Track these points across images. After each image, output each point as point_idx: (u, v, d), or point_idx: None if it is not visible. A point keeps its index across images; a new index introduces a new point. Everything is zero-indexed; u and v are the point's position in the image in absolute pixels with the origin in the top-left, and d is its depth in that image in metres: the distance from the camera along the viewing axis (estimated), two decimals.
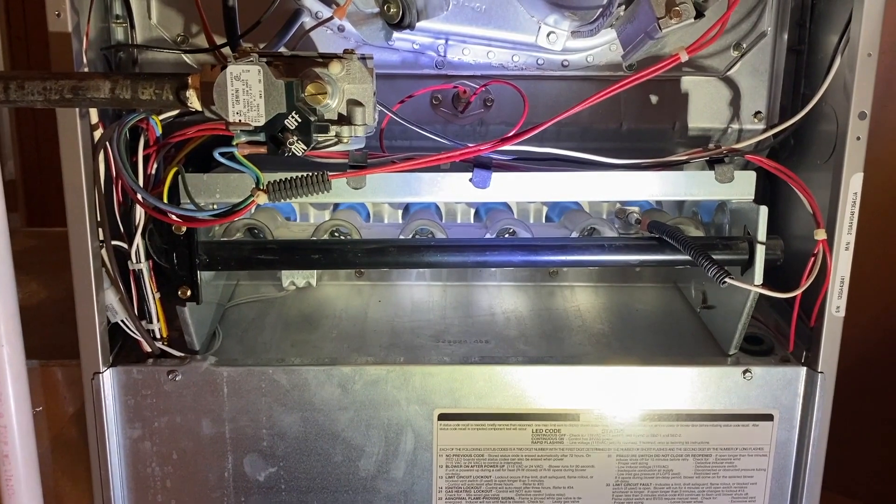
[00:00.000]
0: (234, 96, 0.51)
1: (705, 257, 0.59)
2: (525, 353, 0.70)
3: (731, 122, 0.74)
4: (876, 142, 0.64)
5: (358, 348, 0.70)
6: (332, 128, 0.53)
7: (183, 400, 0.66)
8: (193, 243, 0.62)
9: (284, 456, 0.67)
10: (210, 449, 0.67)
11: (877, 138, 0.63)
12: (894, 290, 1.10)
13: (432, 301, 0.79)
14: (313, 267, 0.64)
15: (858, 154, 0.62)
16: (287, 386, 0.66)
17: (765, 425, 0.68)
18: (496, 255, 0.65)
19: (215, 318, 0.72)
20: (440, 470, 0.68)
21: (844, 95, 0.63)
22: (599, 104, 0.73)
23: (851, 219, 0.63)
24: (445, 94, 0.72)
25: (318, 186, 0.53)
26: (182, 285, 0.63)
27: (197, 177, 0.61)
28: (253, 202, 0.54)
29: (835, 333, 0.65)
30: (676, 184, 0.64)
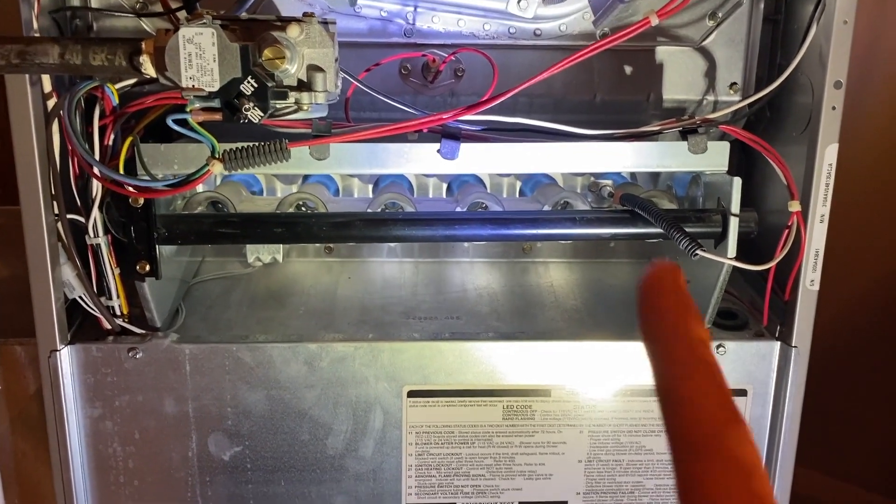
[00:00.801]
0: (186, 60, 0.49)
1: (677, 229, 0.58)
2: (497, 330, 0.68)
3: (706, 93, 0.72)
4: (854, 114, 0.63)
5: (326, 325, 0.68)
6: (291, 94, 0.51)
7: (144, 378, 0.64)
8: (151, 216, 0.60)
9: (250, 435, 0.66)
10: (173, 428, 0.65)
11: (855, 110, 0.62)
12: (872, 262, 1.10)
13: (403, 277, 0.78)
14: (276, 241, 0.62)
15: (834, 124, 0.61)
16: (251, 363, 0.64)
17: (738, 400, 0.67)
18: (466, 229, 0.63)
19: (178, 295, 0.70)
20: (410, 447, 0.66)
21: (820, 64, 0.62)
22: (573, 75, 0.72)
23: (826, 190, 0.62)
24: (415, 64, 0.70)
25: (277, 155, 0.51)
26: (140, 260, 0.61)
27: (154, 147, 0.59)
28: (208, 171, 0.52)
29: (809, 307, 0.64)
30: (649, 155, 0.62)
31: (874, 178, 1.04)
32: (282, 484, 0.67)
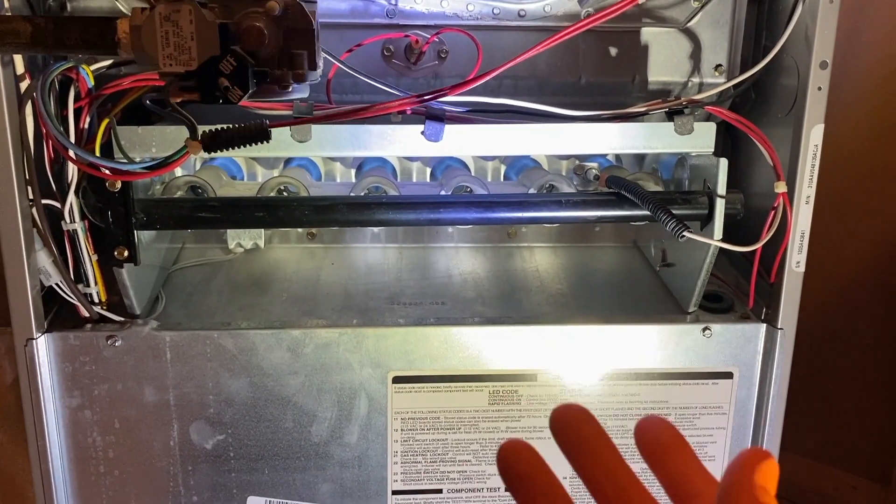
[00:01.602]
0: (163, 39, 0.47)
1: (663, 211, 0.58)
2: (482, 314, 0.68)
3: (691, 75, 0.72)
4: (837, 95, 0.62)
5: (309, 311, 0.67)
6: (271, 73, 0.50)
7: (124, 366, 0.63)
8: (129, 201, 0.58)
9: (232, 423, 0.65)
10: (154, 417, 0.64)
11: (838, 91, 0.61)
12: (854, 244, 1.11)
13: (388, 263, 0.77)
14: (257, 225, 0.61)
15: (819, 105, 0.61)
16: (234, 350, 0.63)
17: (724, 383, 0.67)
18: (450, 213, 0.63)
19: (158, 282, 0.69)
20: (395, 434, 0.66)
21: (806, 45, 0.61)
22: (558, 57, 0.71)
23: (812, 171, 0.62)
24: (398, 46, 0.69)
25: (257, 136, 0.50)
26: (118, 245, 0.59)
27: (131, 129, 0.58)
28: (187, 153, 0.51)
29: (795, 289, 0.64)
30: (635, 136, 0.62)
31: (857, 159, 1.05)
32: (265, 472, 0.66)
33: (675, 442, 0.29)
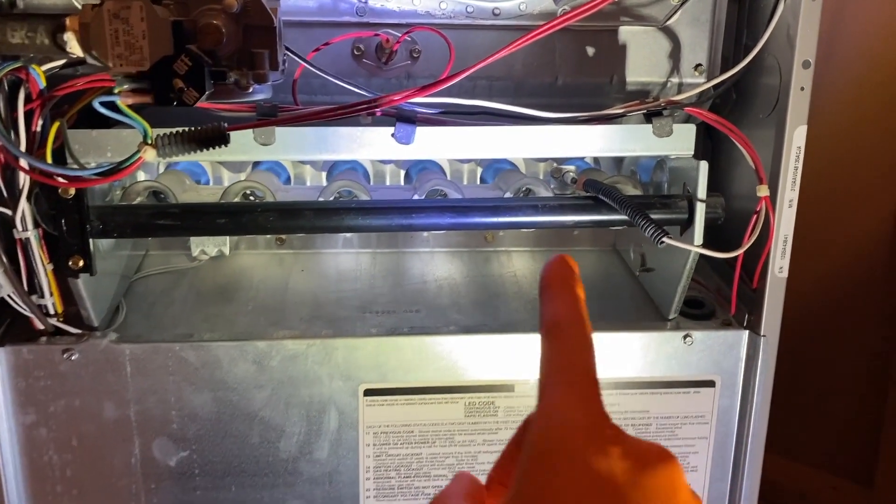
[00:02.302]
0: (112, 37, 0.45)
1: (642, 216, 0.56)
2: (457, 323, 0.65)
3: (670, 75, 0.70)
4: (815, 95, 0.61)
5: (276, 321, 0.65)
6: (230, 74, 0.47)
7: (81, 381, 0.60)
8: (84, 208, 0.55)
9: (197, 439, 0.62)
10: (114, 433, 0.61)
11: (817, 91, 0.60)
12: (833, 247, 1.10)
13: (360, 269, 0.74)
14: (220, 233, 0.58)
15: (802, 105, 0.59)
16: (197, 364, 0.60)
17: (706, 392, 0.65)
18: (424, 218, 0.60)
19: (119, 291, 0.66)
20: (367, 448, 0.63)
21: (788, 44, 0.59)
22: (534, 57, 0.69)
23: (795, 174, 0.60)
24: (368, 45, 0.66)
25: (215, 140, 0.47)
26: (73, 254, 0.56)
27: (84, 133, 0.55)
28: (140, 159, 0.48)
29: (778, 295, 0.63)
30: (612, 139, 0.60)
31: (835, 160, 1.04)
32: (232, 489, 0.63)
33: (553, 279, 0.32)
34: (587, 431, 0.27)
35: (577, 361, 0.29)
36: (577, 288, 0.32)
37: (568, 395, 0.28)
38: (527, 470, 0.26)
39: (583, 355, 0.29)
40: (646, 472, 0.25)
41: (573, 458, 0.26)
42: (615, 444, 0.26)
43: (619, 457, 0.26)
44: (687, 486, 0.27)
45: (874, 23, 1.02)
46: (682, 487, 0.26)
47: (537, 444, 0.27)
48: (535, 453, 0.27)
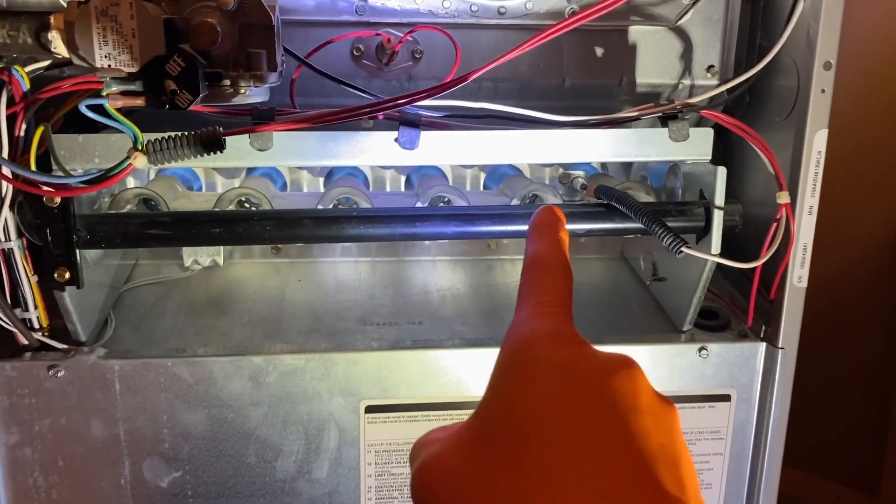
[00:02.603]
0: (100, 36, 0.42)
1: (659, 225, 0.53)
2: (462, 335, 0.63)
3: (681, 77, 0.67)
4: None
5: (273, 335, 0.62)
6: (225, 75, 0.44)
7: (68, 399, 0.57)
8: (70, 217, 0.52)
9: (190, 458, 0.59)
10: (103, 453, 0.58)
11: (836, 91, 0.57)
12: (839, 253, 1.08)
13: (359, 279, 0.71)
14: (214, 242, 0.55)
15: (823, 108, 0.57)
16: (190, 380, 0.57)
17: (722, 406, 0.63)
18: (428, 227, 0.57)
19: (107, 304, 0.63)
20: (369, 468, 0.60)
21: (807, 44, 0.57)
22: (540, 58, 0.66)
23: (815, 180, 0.58)
24: (368, 45, 0.64)
25: (210, 145, 0.44)
26: (59, 266, 0.53)
27: (71, 138, 0.52)
28: (129, 165, 0.45)
29: (796, 306, 0.60)
30: (626, 143, 0.57)
31: (838, 163, 1.01)
32: None
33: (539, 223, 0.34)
34: (552, 337, 0.28)
35: (549, 287, 0.31)
36: (560, 231, 0.34)
37: (537, 309, 0.30)
38: (496, 374, 0.28)
39: (557, 282, 0.31)
40: (608, 376, 0.26)
41: (537, 357, 0.27)
42: (579, 349, 0.28)
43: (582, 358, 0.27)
44: (650, 389, 0.27)
45: (874, 23, 1.01)
46: (644, 390, 0.27)
47: (505, 350, 0.29)
48: (502, 358, 0.29)
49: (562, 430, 0.25)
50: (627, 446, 0.25)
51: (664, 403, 0.27)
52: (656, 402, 0.27)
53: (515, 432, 0.26)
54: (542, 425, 0.25)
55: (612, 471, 0.24)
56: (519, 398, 0.26)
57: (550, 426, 0.25)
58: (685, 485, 0.25)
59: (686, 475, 0.26)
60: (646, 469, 0.25)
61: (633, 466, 0.25)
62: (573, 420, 0.25)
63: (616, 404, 0.26)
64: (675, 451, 0.26)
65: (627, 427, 0.25)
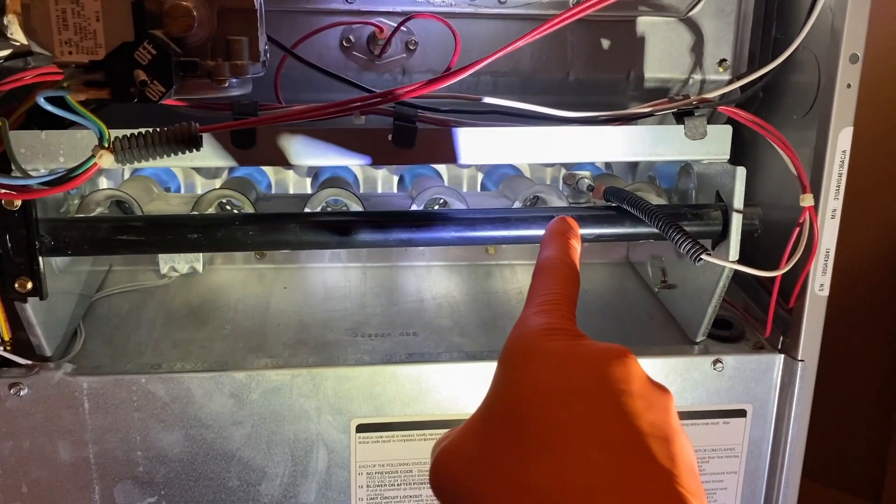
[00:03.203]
0: (59, 20, 0.37)
1: (676, 230, 0.49)
2: (460, 348, 0.59)
3: (692, 71, 0.63)
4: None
5: (256, 348, 0.57)
6: (202, 65, 0.40)
7: (32, 419, 0.52)
8: (31, 222, 0.48)
9: (166, 483, 0.54)
10: (71, 478, 0.54)
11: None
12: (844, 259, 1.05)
13: (349, 286, 0.67)
14: (192, 249, 0.50)
15: (849, 105, 0.53)
16: (165, 398, 0.53)
17: (736, 422, 0.59)
18: (425, 232, 0.53)
19: (76, 314, 0.58)
20: (360, 490, 0.56)
21: (831, 36, 0.53)
22: (543, 50, 0.62)
23: (839, 181, 0.54)
24: (359, 36, 0.59)
25: (184, 143, 0.40)
26: (19, 276, 0.48)
27: (32, 135, 0.47)
28: (95, 165, 0.40)
29: (817, 316, 0.56)
30: (640, 141, 0.53)
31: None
32: None
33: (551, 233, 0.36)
34: (551, 330, 0.30)
35: (554, 287, 0.32)
36: (572, 239, 0.36)
37: (540, 307, 0.31)
38: (498, 366, 0.30)
39: (562, 283, 0.33)
40: (602, 363, 0.28)
41: (535, 347, 0.29)
42: (576, 340, 0.29)
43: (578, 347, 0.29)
44: (642, 375, 0.29)
45: (879, 25, 0.98)
46: (637, 375, 0.28)
47: (507, 344, 0.31)
48: (504, 351, 0.30)
49: (558, 410, 0.27)
50: (619, 424, 0.27)
51: (657, 388, 0.29)
52: (649, 386, 0.28)
53: (516, 415, 0.28)
54: (539, 407, 0.27)
55: (604, 445, 0.26)
56: (518, 385, 0.29)
57: (547, 407, 0.27)
58: (676, 460, 0.26)
59: (678, 452, 0.27)
60: (636, 444, 0.26)
61: (624, 441, 0.26)
62: (568, 401, 0.27)
63: (609, 388, 0.28)
64: (667, 429, 0.27)
65: (620, 407, 0.27)
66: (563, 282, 0.33)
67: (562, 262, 0.34)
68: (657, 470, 0.26)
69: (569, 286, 0.33)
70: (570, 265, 0.34)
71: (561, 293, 0.32)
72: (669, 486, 0.25)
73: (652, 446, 0.26)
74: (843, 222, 0.55)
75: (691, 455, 0.28)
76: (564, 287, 0.33)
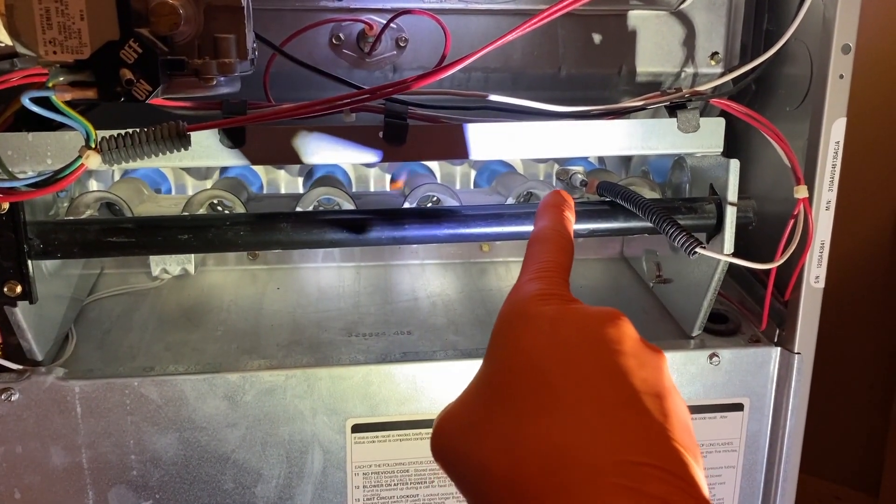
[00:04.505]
0: (42, 19, 0.37)
1: (671, 223, 0.49)
2: (455, 346, 0.58)
3: (684, 65, 0.63)
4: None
5: (250, 349, 0.57)
6: (189, 63, 0.39)
7: (23, 425, 0.52)
8: (20, 225, 0.47)
9: (160, 486, 0.54)
10: (64, 483, 0.53)
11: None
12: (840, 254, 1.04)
13: (343, 285, 0.67)
14: (183, 250, 0.50)
15: (842, 95, 0.53)
16: (159, 401, 0.52)
17: (734, 416, 0.58)
18: (417, 229, 0.53)
19: (68, 317, 0.58)
20: (356, 491, 0.56)
21: (823, 27, 0.53)
22: (534, 45, 0.62)
23: (833, 173, 0.54)
24: (349, 33, 0.59)
25: (172, 142, 0.39)
26: (8, 280, 0.48)
27: (18, 137, 0.47)
28: (82, 166, 0.40)
29: (813, 308, 0.56)
30: (633, 135, 0.53)
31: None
32: None
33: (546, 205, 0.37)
34: (543, 296, 0.30)
35: (547, 255, 0.33)
36: (566, 211, 0.36)
37: (533, 275, 0.32)
38: (493, 332, 0.30)
39: (555, 252, 0.33)
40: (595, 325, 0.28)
41: (528, 311, 0.30)
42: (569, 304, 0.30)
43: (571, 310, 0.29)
44: (635, 336, 0.29)
45: (872, 20, 0.98)
46: (629, 336, 0.28)
47: (501, 311, 0.31)
48: (499, 318, 0.31)
49: (551, 370, 0.27)
50: (611, 381, 0.27)
51: (650, 349, 0.29)
52: (641, 346, 0.29)
53: (510, 377, 0.28)
54: (532, 368, 0.28)
55: (597, 402, 0.26)
56: (512, 348, 0.29)
57: (540, 368, 0.28)
58: (669, 415, 0.26)
59: (671, 407, 0.27)
60: (628, 399, 0.27)
61: (617, 398, 0.27)
62: (561, 361, 0.28)
63: (602, 347, 0.28)
64: (660, 386, 0.27)
65: (612, 366, 0.27)
66: (557, 251, 0.33)
67: (556, 232, 0.35)
68: (650, 424, 0.26)
69: (562, 255, 0.33)
70: (564, 235, 0.35)
71: (555, 262, 0.33)
72: (663, 440, 0.26)
73: (645, 402, 0.26)
74: (838, 213, 0.55)
75: (685, 411, 0.28)
76: (558, 256, 0.33)
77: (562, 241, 0.34)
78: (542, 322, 0.29)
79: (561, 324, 0.29)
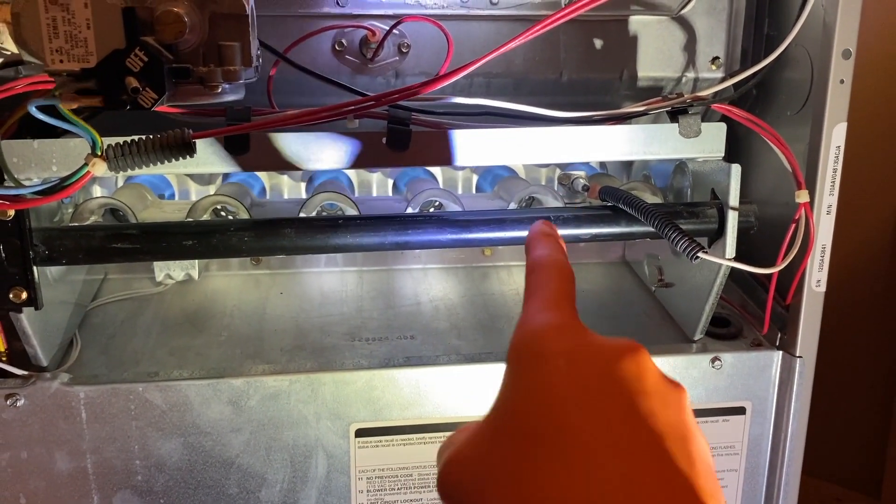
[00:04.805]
0: (49, 28, 0.37)
1: (673, 228, 0.49)
2: (458, 350, 0.58)
3: (685, 70, 0.63)
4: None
5: (254, 354, 0.57)
6: (194, 71, 0.40)
7: (29, 430, 0.52)
8: (25, 231, 0.47)
9: (165, 491, 0.54)
10: (69, 489, 0.53)
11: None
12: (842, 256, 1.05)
13: (346, 290, 0.67)
14: (187, 256, 0.50)
15: (842, 100, 0.53)
16: (163, 406, 0.53)
17: (736, 420, 0.59)
18: (422, 234, 0.53)
19: (72, 323, 0.58)
20: (360, 496, 0.56)
21: (823, 32, 0.53)
22: (536, 51, 0.62)
23: (834, 177, 0.54)
24: (351, 39, 0.59)
25: (178, 150, 0.40)
26: (14, 286, 0.48)
27: (24, 144, 0.47)
28: (88, 173, 0.40)
29: (815, 312, 0.56)
30: (634, 140, 0.53)
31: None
32: None
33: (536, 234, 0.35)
34: (556, 328, 0.29)
35: (551, 284, 0.31)
36: (559, 239, 0.35)
37: (541, 305, 0.30)
38: (506, 370, 0.29)
39: (558, 280, 0.32)
40: (613, 361, 0.27)
41: (543, 348, 0.28)
42: (583, 338, 0.28)
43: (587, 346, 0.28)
44: (656, 372, 0.28)
45: (872, 25, 0.98)
46: (650, 372, 0.27)
47: (513, 346, 0.29)
48: (511, 354, 0.29)
49: (569, 413, 0.26)
50: (633, 426, 0.26)
51: (671, 385, 0.28)
52: (662, 383, 0.27)
53: (526, 420, 0.27)
54: (549, 411, 0.26)
55: (619, 449, 0.25)
56: (526, 388, 0.27)
57: (558, 411, 0.26)
58: (694, 460, 0.26)
59: (695, 451, 0.26)
60: (652, 446, 0.25)
61: (640, 444, 0.25)
62: (580, 404, 0.26)
63: (622, 387, 0.26)
64: (683, 428, 0.26)
65: (634, 408, 0.26)
66: (562, 280, 0.32)
67: (556, 260, 0.33)
68: (674, 477, 0.25)
69: (568, 284, 0.32)
70: (562, 261, 0.34)
71: (561, 290, 0.31)
72: (687, 492, 0.25)
73: (669, 448, 0.25)
74: (839, 218, 0.55)
75: (707, 452, 0.27)
76: (563, 284, 0.32)
77: (565, 271, 0.33)
78: (558, 361, 0.27)
79: (578, 362, 0.27)
